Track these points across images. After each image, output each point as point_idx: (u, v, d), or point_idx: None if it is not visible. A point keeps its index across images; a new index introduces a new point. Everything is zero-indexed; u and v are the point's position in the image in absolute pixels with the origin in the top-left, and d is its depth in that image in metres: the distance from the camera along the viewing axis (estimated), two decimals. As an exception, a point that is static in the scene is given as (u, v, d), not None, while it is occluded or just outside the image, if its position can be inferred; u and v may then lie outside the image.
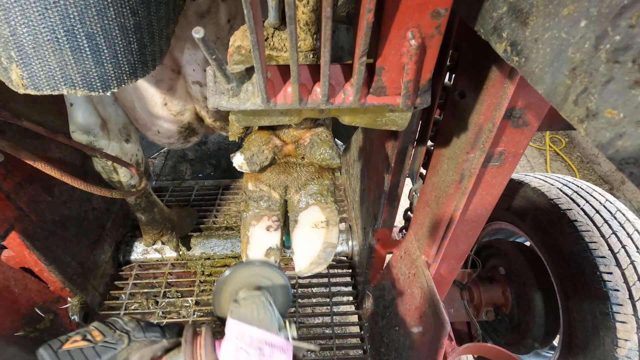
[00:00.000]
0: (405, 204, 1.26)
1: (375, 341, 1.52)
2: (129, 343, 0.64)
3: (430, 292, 1.04)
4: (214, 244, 1.89)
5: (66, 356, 0.61)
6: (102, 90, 0.64)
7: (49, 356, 0.61)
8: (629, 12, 0.28)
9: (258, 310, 0.73)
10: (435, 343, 1.02)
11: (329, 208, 0.87)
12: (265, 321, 0.71)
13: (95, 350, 0.63)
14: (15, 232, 1.20)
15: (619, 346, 1.16)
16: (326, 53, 0.47)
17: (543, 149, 4.06)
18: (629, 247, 1.24)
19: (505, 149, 0.79)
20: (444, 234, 0.98)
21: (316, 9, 0.61)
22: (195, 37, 0.42)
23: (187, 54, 1.05)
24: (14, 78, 0.60)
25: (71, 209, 1.49)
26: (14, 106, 1.10)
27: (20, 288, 1.32)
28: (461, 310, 1.72)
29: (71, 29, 0.56)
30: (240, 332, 0.67)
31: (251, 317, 0.71)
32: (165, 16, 0.69)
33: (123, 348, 0.64)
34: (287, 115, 0.65)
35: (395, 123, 0.66)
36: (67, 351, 0.62)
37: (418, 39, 0.47)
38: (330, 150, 0.85)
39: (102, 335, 0.65)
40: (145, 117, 1.22)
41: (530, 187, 1.58)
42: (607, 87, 0.30)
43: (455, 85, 0.81)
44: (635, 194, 3.32)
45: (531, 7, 0.39)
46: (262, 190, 0.88)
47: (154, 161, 2.51)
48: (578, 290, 1.30)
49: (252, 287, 0.81)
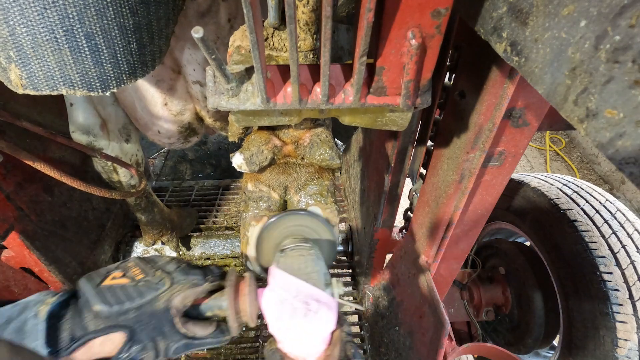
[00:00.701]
0: (405, 204, 1.26)
1: (375, 341, 1.52)
2: (171, 285, 0.61)
3: (430, 292, 1.04)
4: (214, 244, 1.89)
5: (108, 292, 0.58)
6: (102, 90, 0.64)
7: (91, 290, 0.58)
8: (629, 12, 0.28)
9: (307, 263, 0.70)
10: (435, 343, 1.02)
11: (329, 208, 0.87)
12: (314, 275, 0.68)
13: (138, 288, 0.59)
14: (15, 232, 1.20)
15: (619, 346, 1.16)
16: (326, 53, 0.47)
17: (543, 149, 4.06)
18: (629, 247, 1.24)
19: (505, 149, 0.79)
20: (444, 234, 0.98)
21: (316, 8, 0.61)
22: (195, 37, 0.42)
23: (187, 53, 1.05)
24: (13, 78, 0.60)
25: (71, 209, 1.48)
26: (13, 106, 1.10)
27: (20, 288, 1.32)
28: (461, 310, 1.72)
29: (70, 29, 0.56)
30: (287, 283, 0.64)
31: (299, 270, 0.68)
32: (164, 16, 0.69)
33: (165, 290, 0.60)
34: (287, 115, 0.65)
35: (396, 123, 0.66)
36: (109, 287, 0.59)
37: (418, 39, 0.47)
38: (330, 150, 0.85)
39: (144, 274, 0.62)
40: (146, 117, 1.22)
41: (530, 187, 1.58)
42: (607, 87, 0.30)
43: (455, 85, 0.81)
44: (635, 194, 3.32)
45: (531, 7, 0.39)
46: (261, 191, 0.88)
47: (154, 161, 2.51)
48: (578, 290, 1.30)
49: (299, 237, 0.78)
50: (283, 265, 0.69)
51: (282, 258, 0.71)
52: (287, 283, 0.65)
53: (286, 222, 0.78)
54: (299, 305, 0.62)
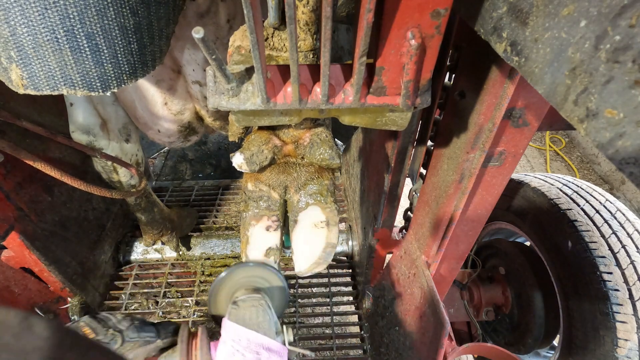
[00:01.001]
0: (405, 204, 1.26)
1: (375, 341, 1.52)
2: (123, 343, 0.63)
3: (430, 292, 1.04)
4: (214, 244, 1.89)
5: None
6: (102, 90, 0.64)
7: None
8: (629, 12, 0.28)
9: (257, 313, 0.72)
10: (435, 343, 1.02)
11: (329, 208, 0.87)
12: (264, 325, 0.71)
13: None
14: (15, 232, 1.20)
15: (619, 346, 1.16)
16: (326, 53, 0.47)
17: (543, 149, 4.06)
18: (629, 247, 1.24)
19: (505, 148, 0.79)
20: (444, 234, 0.98)
21: (316, 8, 0.61)
22: (195, 37, 0.42)
23: (187, 54, 1.05)
24: (14, 78, 0.60)
25: (71, 209, 1.48)
26: (14, 106, 1.10)
27: (20, 288, 1.32)
28: (461, 310, 1.72)
29: (71, 29, 0.56)
30: (238, 334, 0.67)
31: (249, 320, 0.71)
32: (165, 16, 0.69)
33: (116, 348, 0.62)
34: (287, 115, 0.65)
35: (395, 123, 0.66)
36: None
37: (418, 39, 0.47)
38: (330, 150, 0.85)
39: (94, 333, 0.63)
40: (146, 117, 1.22)
41: (530, 187, 1.58)
42: (607, 87, 0.30)
43: (455, 85, 0.81)
44: (635, 194, 3.32)
45: (531, 7, 0.39)
46: (261, 190, 0.88)
47: (154, 161, 2.51)
48: (578, 290, 1.30)
49: (250, 288, 0.81)
50: (234, 317, 0.71)
51: (234, 310, 0.73)
52: (238, 334, 0.67)
53: (237, 274, 0.81)
54: (250, 355, 0.64)
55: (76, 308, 1.48)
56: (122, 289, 1.74)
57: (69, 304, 1.48)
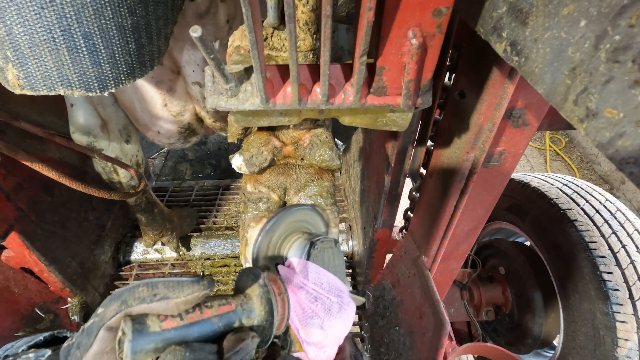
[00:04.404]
0: (405, 204, 1.26)
1: (375, 341, 1.52)
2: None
3: (430, 292, 1.04)
4: (214, 244, 1.89)
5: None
6: (100, 90, 0.64)
7: None
8: (629, 12, 0.28)
9: (334, 256, 0.68)
10: (435, 343, 1.01)
11: (329, 209, 0.87)
12: (339, 269, 0.67)
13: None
14: (15, 232, 1.20)
15: (619, 346, 1.16)
16: (326, 53, 0.46)
17: (543, 149, 4.06)
18: (629, 247, 1.24)
19: (505, 148, 0.79)
20: (444, 233, 0.98)
21: (316, 8, 0.61)
22: (193, 36, 0.42)
23: (186, 54, 1.05)
24: (10, 78, 0.60)
25: (71, 209, 1.48)
26: (12, 107, 1.10)
27: (20, 288, 1.32)
28: (461, 310, 1.72)
29: (68, 29, 0.55)
30: (320, 278, 0.62)
31: (328, 263, 0.67)
32: (163, 16, 0.69)
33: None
34: (287, 115, 0.64)
35: (396, 123, 0.66)
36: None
37: (419, 38, 0.47)
38: (329, 151, 0.85)
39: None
40: (146, 118, 1.22)
41: (530, 187, 1.58)
42: (607, 87, 0.30)
43: (455, 85, 0.80)
44: (635, 193, 3.32)
45: (531, 7, 0.39)
46: (261, 192, 0.88)
47: (154, 161, 2.50)
48: (578, 290, 1.29)
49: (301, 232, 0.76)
50: (315, 259, 0.67)
51: (314, 252, 0.68)
52: (319, 278, 0.63)
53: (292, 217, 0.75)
54: (334, 299, 0.60)
55: (76, 308, 1.48)
56: (122, 289, 1.74)
57: (69, 304, 1.48)
